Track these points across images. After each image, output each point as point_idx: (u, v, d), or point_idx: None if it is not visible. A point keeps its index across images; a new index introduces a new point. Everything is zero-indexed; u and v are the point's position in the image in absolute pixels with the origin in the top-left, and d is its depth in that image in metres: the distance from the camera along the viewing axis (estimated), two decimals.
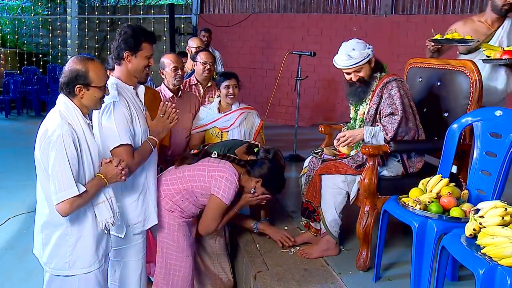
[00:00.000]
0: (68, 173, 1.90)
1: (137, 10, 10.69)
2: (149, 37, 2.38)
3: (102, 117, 2.27)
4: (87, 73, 1.99)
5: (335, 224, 2.79)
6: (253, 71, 8.38)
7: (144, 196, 2.45)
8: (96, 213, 2.05)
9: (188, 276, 2.69)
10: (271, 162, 2.78)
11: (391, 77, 2.76)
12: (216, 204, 2.60)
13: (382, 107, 2.73)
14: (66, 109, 2.00)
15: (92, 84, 2.00)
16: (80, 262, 2.06)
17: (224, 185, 2.56)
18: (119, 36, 2.36)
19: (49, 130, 1.93)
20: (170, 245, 2.62)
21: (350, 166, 2.71)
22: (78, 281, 2.07)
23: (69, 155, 1.90)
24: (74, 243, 2.04)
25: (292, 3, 8.11)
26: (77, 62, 2.01)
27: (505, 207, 1.89)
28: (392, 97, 2.69)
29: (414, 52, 6.47)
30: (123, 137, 2.26)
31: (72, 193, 1.90)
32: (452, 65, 2.87)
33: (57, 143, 1.90)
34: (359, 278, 2.62)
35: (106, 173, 2.06)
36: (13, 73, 10.84)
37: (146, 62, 2.38)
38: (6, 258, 3.82)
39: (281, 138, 6.17)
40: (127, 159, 2.24)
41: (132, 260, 2.48)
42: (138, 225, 2.44)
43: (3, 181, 5.18)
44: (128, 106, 2.32)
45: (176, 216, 2.63)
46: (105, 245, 2.16)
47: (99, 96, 2.05)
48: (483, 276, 1.69)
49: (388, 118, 2.69)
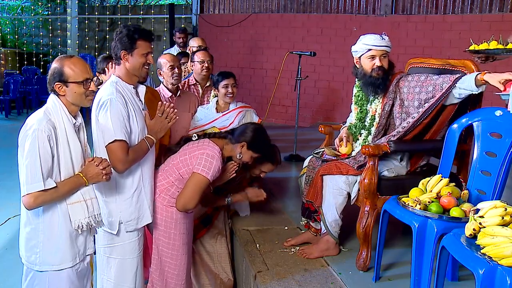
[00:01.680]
0: (37, 167, 1.91)
1: (137, 10, 10.68)
2: (144, 35, 2.38)
3: (99, 113, 2.31)
4: (62, 70, 2.02)
5: (336, 225, 2.79)
6: (253, 71, 8.38)
7: (139, 194, 2.46)
8: (70, 212, 2.04)
9: (183, 274, 2.68)
10: (252, 124, 2.80)
11: (402, 74, 2.81)
12: (196, 179, 2.55)
13: (399, 101, 2.74)
14: (52, 107, 2.04)
15: (69, 80, 2.02)
16: (51, 259, 2.05)
17: (205, 161, 2.53)
18: (115, 36, 2.40)
19: (28, 124, 1.98)
20: (166, 242, 2.61)
21: (352, 166, 2.71)
22: (48, 278, 2.06)
23: (40, 151, 1.92)
24: (45, 239, 2.04)
25: (292, 3, 8.11)
26: (55, 61, 2.06)
27: (505, 207, 1.89)
28: (413, 89, 2.70)
29: (414, 52, 6.54)
30: (118, 133, 2.27)
31: (38, 188, 1.91)
32: (452, 65, 2.87)
33: (32, 137, 1.93)
34: (359, 278, 2.62)
35: (87, 173, 2.06)
36: (13, 73, 10.85)
37: (143, 60, 2.39)
38: (6, 258, 3.83)
39: (281, 138, 6.16)
40: (121, 155, 2.26)
41: (127, 258, 2.48)
42: (132, 223, 2.44)
43: (3, 181, 5.17)
44: (126, 104, 2.34)
45: (175, 211, 2.61)
46: (82, 245, 2.14)
47: (80, 91, 2.05)
48: (483, 276, 1.69)
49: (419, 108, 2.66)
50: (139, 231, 2.51)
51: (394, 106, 2.78)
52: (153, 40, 2.44)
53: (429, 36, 6.84)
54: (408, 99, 2.72)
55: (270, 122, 7.33)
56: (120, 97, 2.32)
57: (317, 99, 7.83)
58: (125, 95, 2.36)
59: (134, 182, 2.43)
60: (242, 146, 2.70)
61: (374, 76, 2.75)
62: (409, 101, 2.72)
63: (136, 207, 2.45)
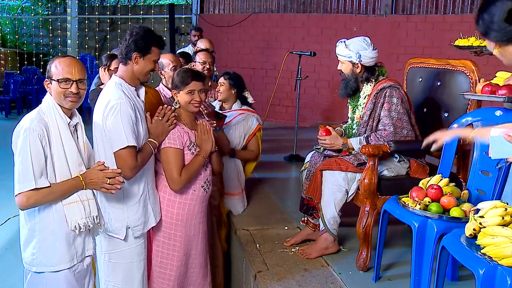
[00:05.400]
0: (28, 167, 1.90)
1: (137, 10, 10.69)
2: (159, 42, 2.39)
3: (107, 118, 2.25)
4: (50, 67, 2.02)
5: (334, 222, 2.78)
6: (253, 71, 8.37)
7: (144, 199, 2.44)
8: (66, 212, 2.02)
9: (183, 276, 2.66)
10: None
11: (386, 84, 2.79)
12: (164, 154, 2.51)
13: (376, 113, 2.79)
14: (46, 107, 2.03)
15: (53, 77, 2.01)
16: (48, 260, 2.03)
17: (167, 137, 2.51)
18: (129, 36, 2.35)
19: (20, 123, 1.97)
20: (166, 243, 2.60)
21: (352, 163, 2.71)
22: (45, 279, 2.05)
23: (32, 150, 1.91)
24: (41, 240, 2.02)
25: (292, 3, 8.11)
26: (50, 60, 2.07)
27: (505, 207, 1.89)
28: (384, 107, 2.75)
29: (414, 52, 6.53)
30: (130, 139, 2.24)
31: (29, 186, 1.90)
32: (452, 65, 2.87)
33: (23, 136, 1.92)
34: (359, 278, 2.62)
35: (87, 177, 2.04)
36: (13, 73, 10.86)
37: (152, 66, 2.39)
38: (6, 258, 3.83)
39: (281, 138, 6.16)
40: (132, 161, 2.24)
41: (135, 261, 2.47)
42: (139, 228, 2.43)
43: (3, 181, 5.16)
44: (133, 107, 2.32)
45: (175, 212, 2.60)
46: (80, 246, 2.11)
47: (58, 90, 2.00)
48: (483, 276, 1.69)
49: (380, 131, 2.74)
50: (143, 235, 2.50)
51: (371, 115, 2.81)
52: (163, 48, 2.45)
53: (429, 36, 6.84)
54: (382, 115, 2.78)
55: (270, 122, 7.32)
56: (128, 101, 2.29)
57: (317, 99, 7.83)
58: (130, 97, 2.34)
59: (140, 187, 2.42)
60: (174, 93, 2.62)
61: (343, 78, 2.92)
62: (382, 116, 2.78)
63: (143, 212, 2.44)
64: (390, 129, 2.70)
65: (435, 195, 2.26)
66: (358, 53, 2.78)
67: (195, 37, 6.06)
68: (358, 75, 2.85)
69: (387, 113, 2.73)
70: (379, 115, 2.78)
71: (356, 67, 2.82)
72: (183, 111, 2.62)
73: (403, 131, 2.72)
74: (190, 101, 2.56)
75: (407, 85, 3.28)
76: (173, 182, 2.52)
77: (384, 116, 2.74)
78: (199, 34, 6.14)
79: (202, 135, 2.60)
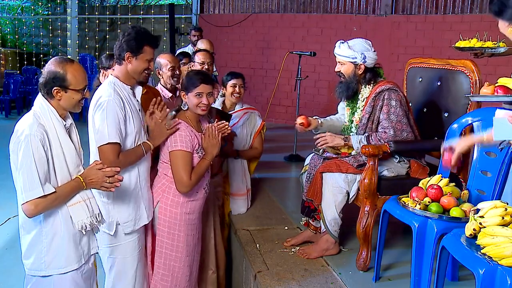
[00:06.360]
0: (34, 174, 1.89)
1: (137, 10, 10.68)
2: (152, 41, 2.39)
3: (95, 113, 2.30)
4: (65, 76, 1.97)
5: (335, 224, 2.78)
6: (253, 71, 8.37)
7: (136, 196, 2.46)
8: (71, 213, 2.03)
9: (187, 277, 2.67)
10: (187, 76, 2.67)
11: (384, 86, 2.78)
12: (174, 157, 2.52)
13: (375, 116, 2.78)
14: (41, 110, 2.00)
15: (70, 87, 1.99)
16: (57, 262, 2.04)
17: (173, 137, 2.52)
18: (122, 36, 2.38)
19: (19, 130, 1.94)
20: (169, 244, 2.60)
21: (352, 165, 2.71)
22: (53, 282, 2.05)
23: (35, 156, 1.90)
24: (49, 243, 2.02)
25: (292, 3, 8.11)
26: (55, 64, 1.99)
27: (505, 207, 1.89)
28: (383, 110, 2.74)
29: (414, 52, 6.53)
30: (112, 135, 2.27)
31: (37, 194, 1.89)
32: (452, 65, 2.87)
33: (25, 143, 1.90)
34: (359, 278, 2.62)
35: (87, 177, 2.05)
36: (13, 73, 10.85)
37: (146, 65, 2.41)
38: (6, 258, 3.83)
39: (281, 138, 6.16)
40: (112, 157, 2.26)
41: (128, 256, 2.49)
42: (129, 224, 2.44)
43: (3, 181, 5.15)
44: (123, 105, 2.34)
45: (179, 213, 2.60)
46: (86, 245, 2.13)
47: (77, 98, 2.03)
48: (483, 276, 1.69)
49: (380, 132, 2.73)
50: (137, 231, 2.51)
51: (369, 118, 2.81)
52: (158, 46, 2.44)
53: (429, 36, 6.83)
54: (381, 118, 2.77)
55: (270, 122, 7.32)
56: (117, 99, 2.32)
57: (317, 99, 7.83)
58: (122, 96, 2.36)
59: (131, 183, 2.43)
60: (182, 94, 2.62)
61: (340, 80, 2.88)
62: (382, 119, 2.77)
63: (133, 209, 2.45)
64: (390, 132, 2.70)
65: (435, 195, 2.26)
66: (363, 53, 2.77)
67: (195, 37, 6.07)
68: (360, 77, 2.84)
69: (386, 116, 2.73)
70: (378, 117, 2.78)
71: (358, 68, 2.81)
72: (191, 113, 2.63)
73: (402, 133, 2.72)
74: (198, 104, 2.56)
75: (407, 85, 3.28)
76: (183, 184, 2.52)
77: (384, 119, 2.74)
78: (199, 34, 6.16)
79: (210, 139, 2.59)
